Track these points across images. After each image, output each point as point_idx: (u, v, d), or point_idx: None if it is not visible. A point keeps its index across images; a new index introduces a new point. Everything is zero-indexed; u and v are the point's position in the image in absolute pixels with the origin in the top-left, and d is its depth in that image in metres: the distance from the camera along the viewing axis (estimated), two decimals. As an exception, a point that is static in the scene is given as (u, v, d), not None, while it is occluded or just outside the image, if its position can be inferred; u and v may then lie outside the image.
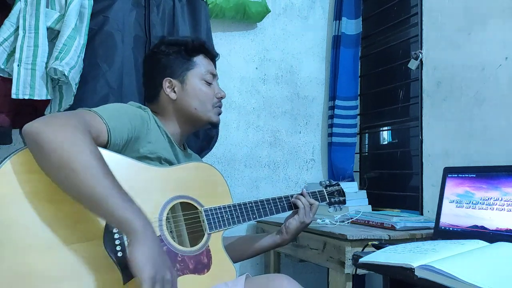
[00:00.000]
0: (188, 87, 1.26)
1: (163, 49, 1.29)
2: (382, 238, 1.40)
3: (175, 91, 1.26)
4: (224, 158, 2.09)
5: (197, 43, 1.31)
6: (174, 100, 1.26)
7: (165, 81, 1.26)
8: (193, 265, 1.05)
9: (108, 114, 1.03)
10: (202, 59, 1.31)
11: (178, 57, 1.28)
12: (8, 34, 1.41)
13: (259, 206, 1.26)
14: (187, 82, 1.27)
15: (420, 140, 1.85)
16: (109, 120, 1.02)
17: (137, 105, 1.20)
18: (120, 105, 1.16)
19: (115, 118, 1.04)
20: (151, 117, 1.19)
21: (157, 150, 1.15)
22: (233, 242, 1.35)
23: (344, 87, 2.21)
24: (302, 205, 1.30)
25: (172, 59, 1.28)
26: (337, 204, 1.46)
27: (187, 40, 1.31)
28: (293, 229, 1.29)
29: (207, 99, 1.28)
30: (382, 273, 1.16)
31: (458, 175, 1.32)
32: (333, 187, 1.45)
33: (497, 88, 1.54)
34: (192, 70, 1.28)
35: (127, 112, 1.11)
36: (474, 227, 1.22)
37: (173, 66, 1.27)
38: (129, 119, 1.09)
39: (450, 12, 1.75)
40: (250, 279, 1.05)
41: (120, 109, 1.12)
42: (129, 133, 1.08)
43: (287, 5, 2.27)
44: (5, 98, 1.41)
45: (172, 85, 1.27)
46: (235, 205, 1.21)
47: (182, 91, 1.26)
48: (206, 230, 1.12)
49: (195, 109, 1.26)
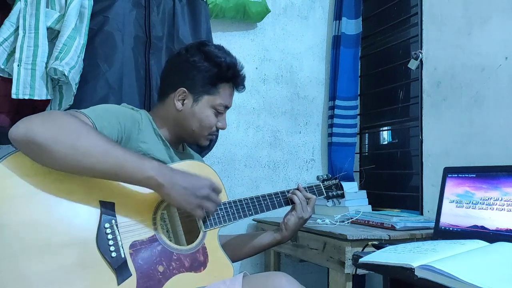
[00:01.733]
0: (197, 109, 1.24)
1: (196, 60, 1.23)
2: (382, 238, 1.40)
3: (184, 103, 1.24)
4: (224, 158, 2.09)
5: (231, 73, 1.26)
6: (178, 110, 1.24)
7: (180, 89, 1.23)
8: (189, 263, 1.05)
9: (96, 114, 1.03)
10: (226, 89, 1.26)
11: (205, 75, 1.23)
12: (8, 34, 1.41)
13: (255, 202, 1.24)
14: (200, 104, 1.24)
15: (420, 140, 1.85)
16: (96, 120, 1.02)
17: (130, 107, 1.20)
18: (109, 106, 1.16)
19: (102, 118, 1.04)
20: (144, 118, 1.18)
21: (151, 151, 1.15)
22: (230, 241, 1.34)
23: (344, 87, 2.20)
24: (298, 200, 1.28)
25: (199, 76, 1.23)
26: (335, 198, 1.43)
27: (223, 63, 1.24)
28: (291, 225, 1.27)
29: (208, 127, 1.25)
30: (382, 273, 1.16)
31: (458, 175, 1.32)
32: (330, 181, 1.43)
33: (497, 88, 1.54)
34: (211, 96, 1.24)
35: (116, 112, 1.11)
36: (474, 227, 1.22)
37: (196, 81, 1.23)
38: (118, 119, 1.08)
39: (450, 12, 1.75)
40: (248, 277, 1.05)
41: (109, 109, 1.12)
42: (119, 133, 1.07)
43: (287, 5, 2.27)
44: (5, 98, 1.41)
45: (185, 97, 1.24)
46: (230, 202, 1.20)
47: (190, 108, 1.24)
48: (201, 228, 1.12)
49: (193, 130, 1.25)
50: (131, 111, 1.16)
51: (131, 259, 0.97)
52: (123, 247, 0.96)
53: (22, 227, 0.87)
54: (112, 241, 0.94)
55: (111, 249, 0.94)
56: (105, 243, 0.94)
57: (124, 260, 0.95)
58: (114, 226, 0.97)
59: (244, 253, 1.33)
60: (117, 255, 0.94)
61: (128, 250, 0.97)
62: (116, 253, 0.94)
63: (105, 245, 0.93)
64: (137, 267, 0.97)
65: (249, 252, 1.33)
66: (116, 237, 0.95)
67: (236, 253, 1.29)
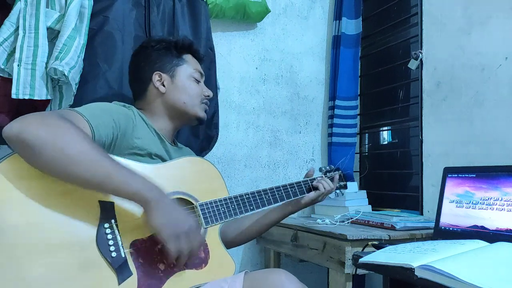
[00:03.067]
0: (178, 82, 1.30)
1: (152, 44, 1.33)
2: (382, 238, 1.40)
3: (164, 84, 1.29)
4: (224, 158, 2.09)
5: (187, 42, 1.36)
6: (163, 94, 1.28)
7: (154, 75, 1.29)
8: (190, 260, 1.05)
9: (90, 113, 1.03)
10: (190, 58, 1.35)
11: (167, 52, 1.32)
12: (8, 34, 1.41)
13: (256, 196, 1.24)
14: (177, 77, 1.30)
15: (420, 140, 1.85)
16: (91, 118, 1.02)
17: (121, 104, 1.20)
18: (102, 104, 1.16)
19: (97, 116, 1.04)
20: (136, 114, 1.19)
21: (146, 146, 1.15)
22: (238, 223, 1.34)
23: (344, 87, 2.20)
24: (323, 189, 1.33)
25: (162, 54, 1.31)
26: (338, 189, 1.45)
27: (177, 38, 1.36)
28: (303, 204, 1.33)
29: (196, 94, 1.31)
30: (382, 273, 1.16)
31: (458, 175, 1.32)
32: (332, 172, 1.44)
33: (497, 88, 1.54)
34: (182, 67, 1.32)
35: (109, 110, 1.11)
36: (474, 227, 1.22)
37: (163, 60, 1.31)
38: (112, 117, 1.08)
39: (450, 12, 1.75)
40: (249, 274, 1.05)
41: (102, 106, 1.12)
42: (114, 130, 1.07)
43: (287, 5, 2.27)
44: (5, 98, 1.41)
45: (162, 78, 1.29)
46: (231, 198, 1.20)
47: (171, 85, 1.29)
48: (202, 224, 1.12)
49: (184, 103, 1.29)
50: (124, 109, 1.17)
51: (131, 259, 0.97)
52: (123, 247, 0.96)
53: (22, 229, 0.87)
54: (112, 241, 0.94)
55: (111, 249, 0.94)
56: (105, 243, 0.94)
57: (124, 259, 0.95)
58: (114, 226, 0.97)
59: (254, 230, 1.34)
60: (117, 255, 0.94)
61: (128, 249, 0.98)
62: (116, 253, 0.94)
63: (105, 245, 0.93)
64: (137, 266, 0.97)
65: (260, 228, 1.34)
66: (116, 236, 0.95)
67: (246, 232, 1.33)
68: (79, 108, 1.05)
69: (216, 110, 1.83)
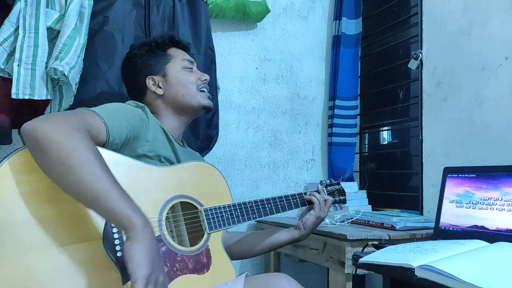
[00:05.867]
0: (171, 78, 1.30)
1: (135, 52, 1.34)
2: (382, 238, 1.40)
3: (160, 86, 1.30)
4: (224, 158, 2.09)
5: (166, 37, 1.36)
6: (161, 96, 1.30)
7: (148, 80, 1.30)
8: (193, 265, 1.05)
9: (107, 113, 1.03)
10: (175, 51, 1.36)
11: (152, 55, 1.32)
12: (8, 34, 1.41)
13: (259, 205, 1.26)
14: (169, 75, 1.31)
15: (420, 140, 1.85)
16: (108, 119, 1.02)
17: (135, 103, 1.20)
18: (119, 105, 1.16)
19: (113, 117, 1.04)
20: (149, 114, 1.19)
21: (156, 148, 1.15)
22: (245, 237, 1.35)
23: (344, 87, 2.21)
24: (317, 201, 1.33)
25: (147, 58, 1.32)
26: (337, 203, 1.46)
27: (155, 37, 1.38)
28: (310, 224, 1.31)
29: (190, 83, 1.31)
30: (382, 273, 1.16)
31: (458, 175, 1.32)
32: (333, 186, 1.45)
33: (497, 88, 1.54)
34: (170, 63, 1.32)
35: (125, 112, 1.11)
36: (474, 227, 1.22)
37: (151, 63, 1.32)
38: (128, 119, 1.09)
39: (450, 12, 1.75)
40: (250, 279, 1.05)
41: (119, 108, 1.12)
42: (128, 132, 1.08)
43: (287, 5, 2.27)
44: (5, 98, 1.41)
45: (156, 81, 1.30)
46: (235, 205, 1.21)
47: (166, 84, 1.30)
48: (206, 229, 1.12)
49: (183, 96, 1.30)
50: (138, 110, 1.17)
51: None
52: None
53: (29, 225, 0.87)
54: (118, 240, 0.94)
55: (116, 248, 0.93)
56: (111, 242, 0.93)
57: None
58: None
59: (260, 249, 1.34)
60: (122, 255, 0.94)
61: None
62: (122, 252, 0.94)
63: (111, 244, 0.93)
64: None
65: (265, 248, 1.34)
66: (122, 236, 0.95)
67: (251, 249, 1.33)
68: (96, 108, 1.05)
69: (216, 110, 1.83)
